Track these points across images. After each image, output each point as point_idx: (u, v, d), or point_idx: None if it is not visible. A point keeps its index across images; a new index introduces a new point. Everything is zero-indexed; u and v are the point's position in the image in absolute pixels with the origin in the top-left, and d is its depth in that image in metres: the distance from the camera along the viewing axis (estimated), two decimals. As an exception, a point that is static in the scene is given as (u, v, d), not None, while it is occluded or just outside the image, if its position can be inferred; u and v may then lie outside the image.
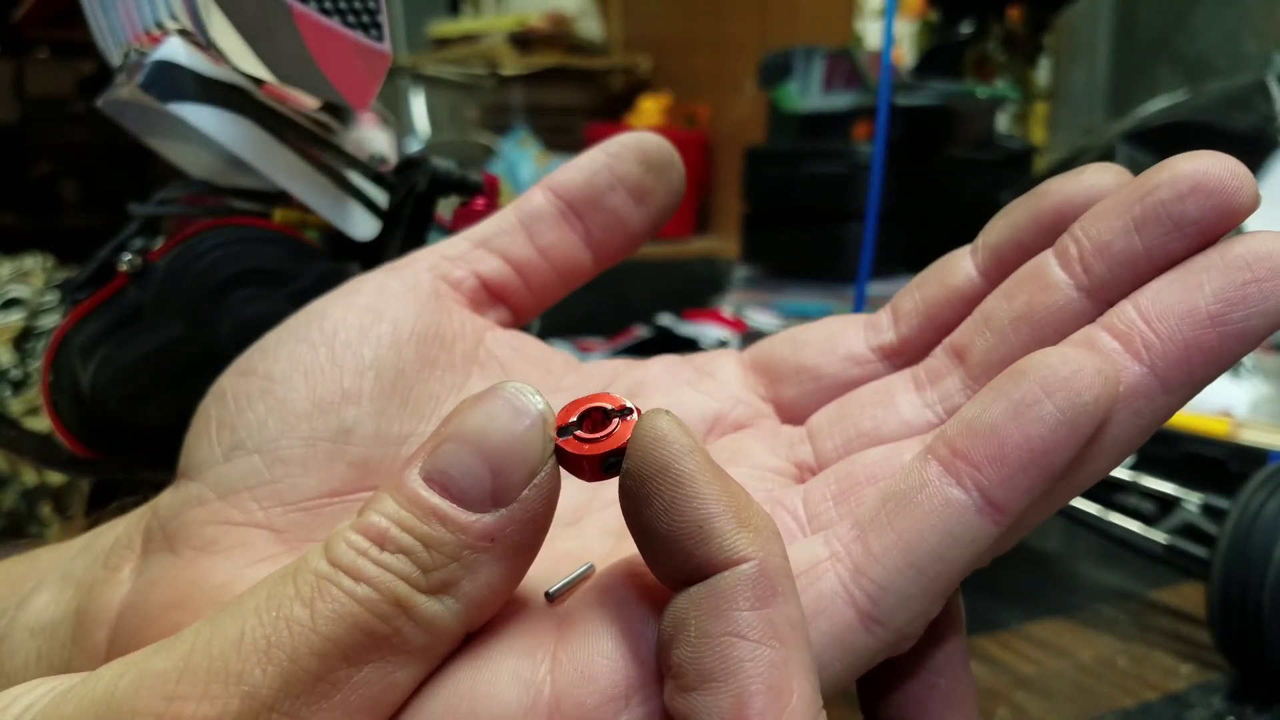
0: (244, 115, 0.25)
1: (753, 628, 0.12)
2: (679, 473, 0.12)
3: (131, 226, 0.28)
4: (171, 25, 0.26)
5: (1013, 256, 0.18)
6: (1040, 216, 0.17)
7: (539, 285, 0.21)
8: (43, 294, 0.52)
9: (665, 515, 0.12)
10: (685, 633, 0.12)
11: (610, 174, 0.21)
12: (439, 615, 0.13)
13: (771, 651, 0.12)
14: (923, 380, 0.18)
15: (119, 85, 0.26)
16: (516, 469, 0.13)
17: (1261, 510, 0.33)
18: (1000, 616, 0.41)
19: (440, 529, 0.13)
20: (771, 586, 0.12)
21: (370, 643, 0.12)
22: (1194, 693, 0.35)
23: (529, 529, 0.13)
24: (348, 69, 0.25)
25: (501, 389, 0.13)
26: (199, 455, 0.17)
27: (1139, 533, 0.39)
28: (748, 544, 0.12)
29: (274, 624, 0.12)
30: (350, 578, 0.12)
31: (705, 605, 0.12)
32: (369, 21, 0.24)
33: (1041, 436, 0.13)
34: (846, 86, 0.88)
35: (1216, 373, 0.14)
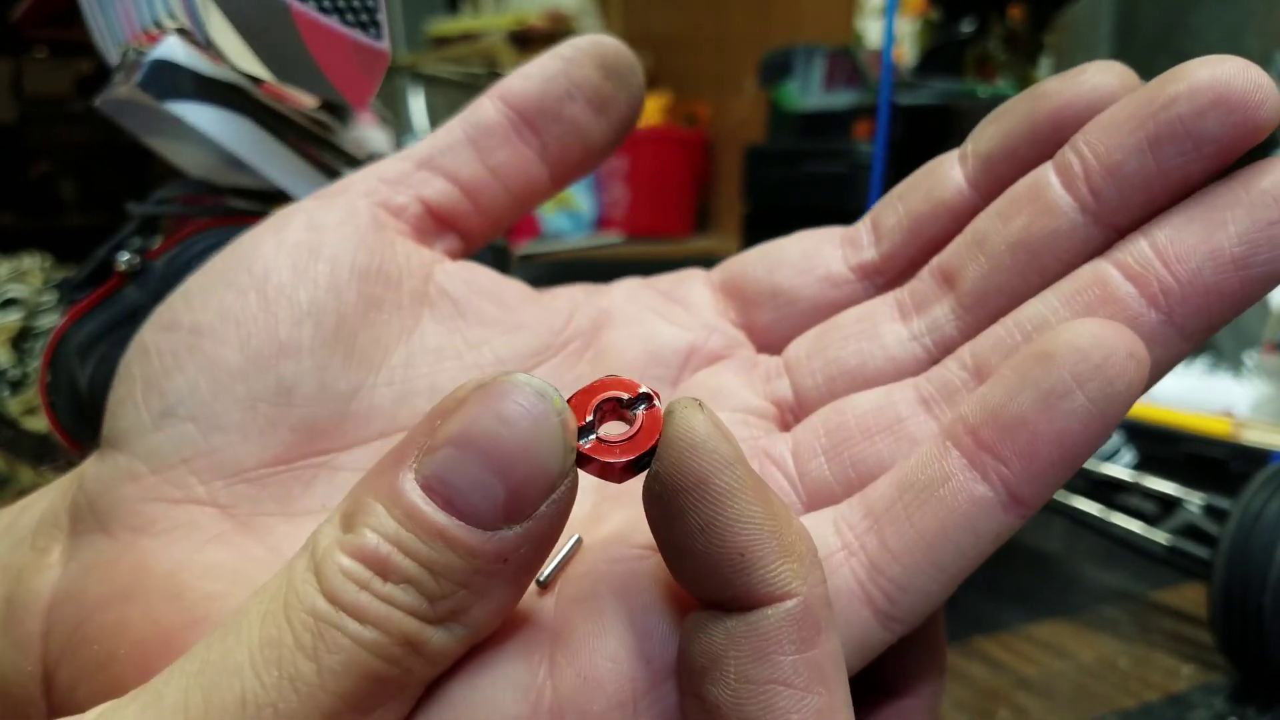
0: (242, 114, 0.25)
1: (799, 674, 0.11)
2: (719, 489, 0.11)
3: (130, 226, 0.28)
4: (170, 24, 0.26)
5: (1007, 167, 0.16)
6: (1037, 123, 0.16)
7: (491, 208, 0.19)
8: (41, 294, 0.51)
9: (702, 536, 0.11)
10: (724, 673, 0.11)
11: (567, 80, 0.19)
12: (445, 645, 0.11)
13: (817, 699, 0.11)
14: (908, 306, 0.17)
15: (117, 84, 0.26)
16: (534, 483, 0.11)
17: (1263, 511, 0.33)
18: (1001, 617, 0.40)
19: (448, 553, 0.11)
20: (815, 624, 0.11)
21: (380, 689, 0.11)
22: (1195, 694, 0.35)
23: (543, 546, 0.12)
24: (346, 67, 0.25)
25: (512, 385, 0.11)
26: (126, 421, 0.15)
27: (1140, 533, 0.39)
28: (792, 577, 0.11)
29: (278, 686, 0.10)
30: (354, 620, 0.11)
31: (746, 646, 0.11)
32: (368, 20, 0.24)
33: (1073, 431, 0.12)
34: (847, 85, 0.87)
35: (1233, 316, 0.13)
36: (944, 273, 0.17)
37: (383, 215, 0.18)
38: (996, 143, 0.17)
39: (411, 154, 0.19)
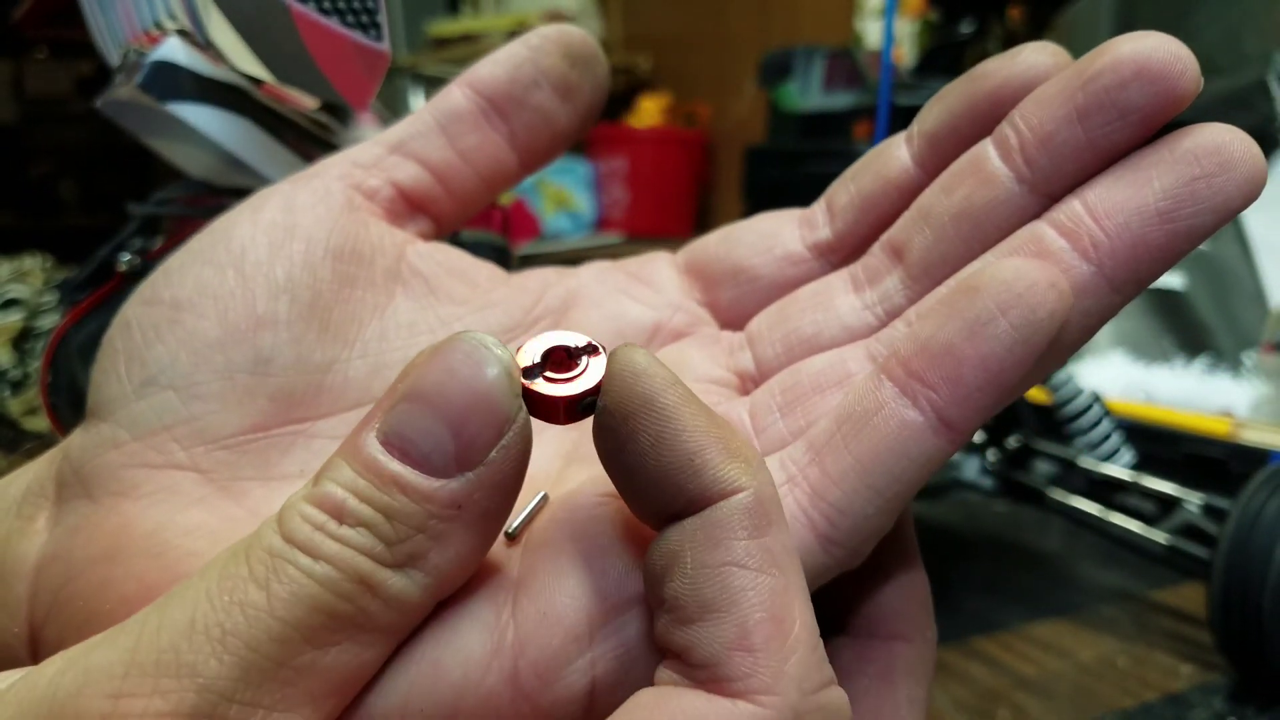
0: (242, 115, 0.25)
1: (751, 556, 0.12)
2: (663, 406, 0.12)
3: (130, 226, 0.28)
4: (170, 25, 0.26)
5: (950, 145, 0.17)
6: (976, 102, 0.17)
7: (461, 192, 0.20)
8: (41, 294, 0.51)
9: (653, 451, 0.12)
10: (681, 565, 0.12)
11: (534, 68, 0.19)
12: (406, 590, 0.12)
13: (771, 579, 0.12)
14: (861, 280, 0.18)
15: (118, 85, 0.26)
16: (481, 429, 0.12)
17: (1262, 511, 0.33)
18: (1001, 617, 0.40)
19: (402, 498, 0.12)
20: (766, 515, 0.12)
21: (334, 624, 0.11)
22: (1194, 693, 0.35)
23: (498, 493, 0.12)
24: (347, 69, 0.25)
25: (459, 340, 0.12)
26: (108, 392, 0.16)
27: (1140, 533, 0.39)
28: (740, 473, 0.12)
29: (227, 609, 0.11)
30: (308, 555, 0.11)
31: (701, 537, 0.12)
32: (368, 21, 0.24)
33: (998, 355, 0.13)
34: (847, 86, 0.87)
35: (1162, 270, 0.14)
36: (893, 246, 0.17)
37: (356, 197, 0.18)
38: (940, 122, 0.17)
39: (384, 139, 0.19)
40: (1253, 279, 0.67)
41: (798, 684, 0.11)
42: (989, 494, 0.43)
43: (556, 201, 1.70)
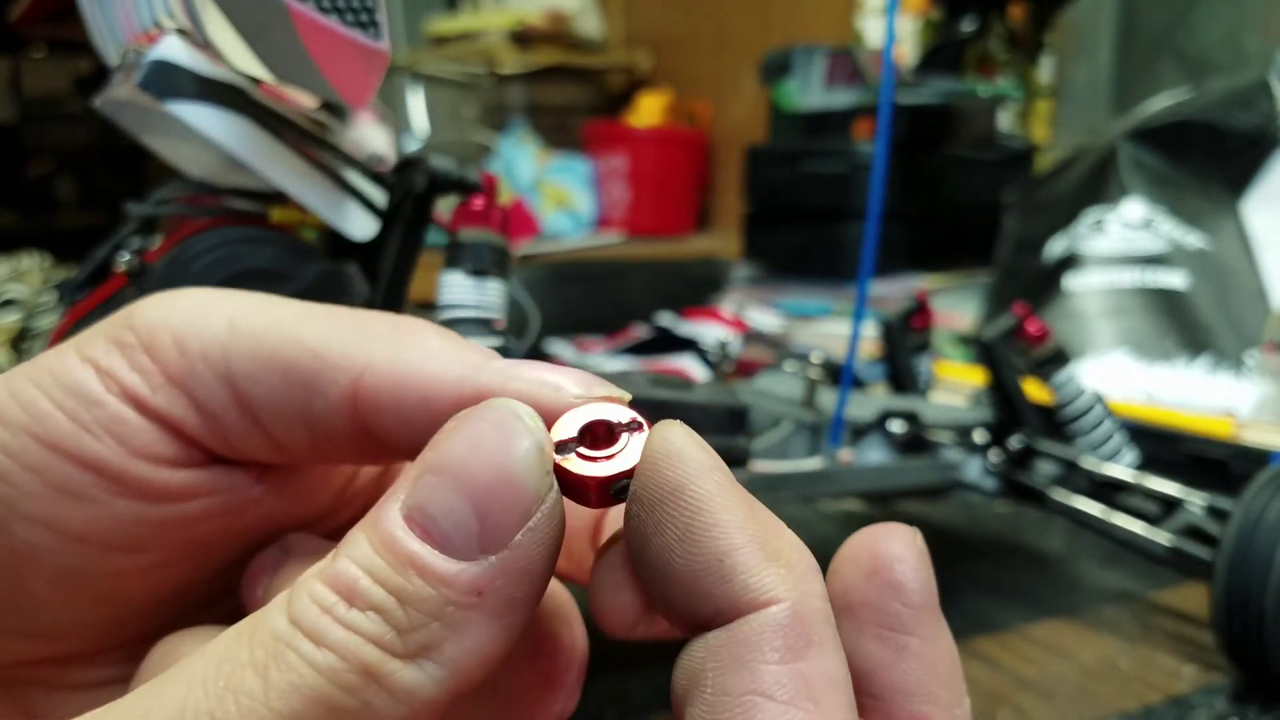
0: (241, 114, 0.25)
1: (782, 685, 0.10)
2: (695, 495, 0.11)
3: (129, 226, 0.28)
4: (169, 24, 0.26)
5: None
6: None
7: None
8: (40, 294, 0.51)
9: (680, 546, 0.11)
10: (701, 689, 0.10)
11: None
12: (418, 684, 0.11)
13: (804, 715, 0.10)
14: None
15: (117, 84, 0.25)
16: (507, 509, 0.11)
17: (1265, 511, 0.33)
18: (1002, 617, 0.40)
19: (418, 582, 0.11)
20: (806, 635, 0.10)
21: (334, 718, 0.10)
22: (1197, 695, 0.35)
23: (525, 580, 0.11)
24: (346, 67, 0.25)
25: (489, 409, 0.11)
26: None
27: (1142, 533, 0.39)
28: (778, 582, 0.10)
29: (220, 696, 0.10)
30: (311, 641, 0.10)
31: (725, 656, 0.10)
32: (367, 20, 0.24)
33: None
34: (848, 85, 0.87)
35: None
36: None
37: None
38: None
39: None
40: (1255, 279, 0.67)
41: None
42: (991, 494, 0.43)
43: (556, 201, 1.70)
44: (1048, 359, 0.46)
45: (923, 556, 0.14)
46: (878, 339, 0.51)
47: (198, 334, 0.13)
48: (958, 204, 0.93)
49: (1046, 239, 0.76)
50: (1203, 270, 0.68)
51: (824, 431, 0.40)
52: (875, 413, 0.42)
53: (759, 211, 0.95)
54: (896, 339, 0.49)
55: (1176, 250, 0.69)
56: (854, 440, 0.41)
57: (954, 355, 0.74)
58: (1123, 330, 0.68)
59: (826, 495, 0.41)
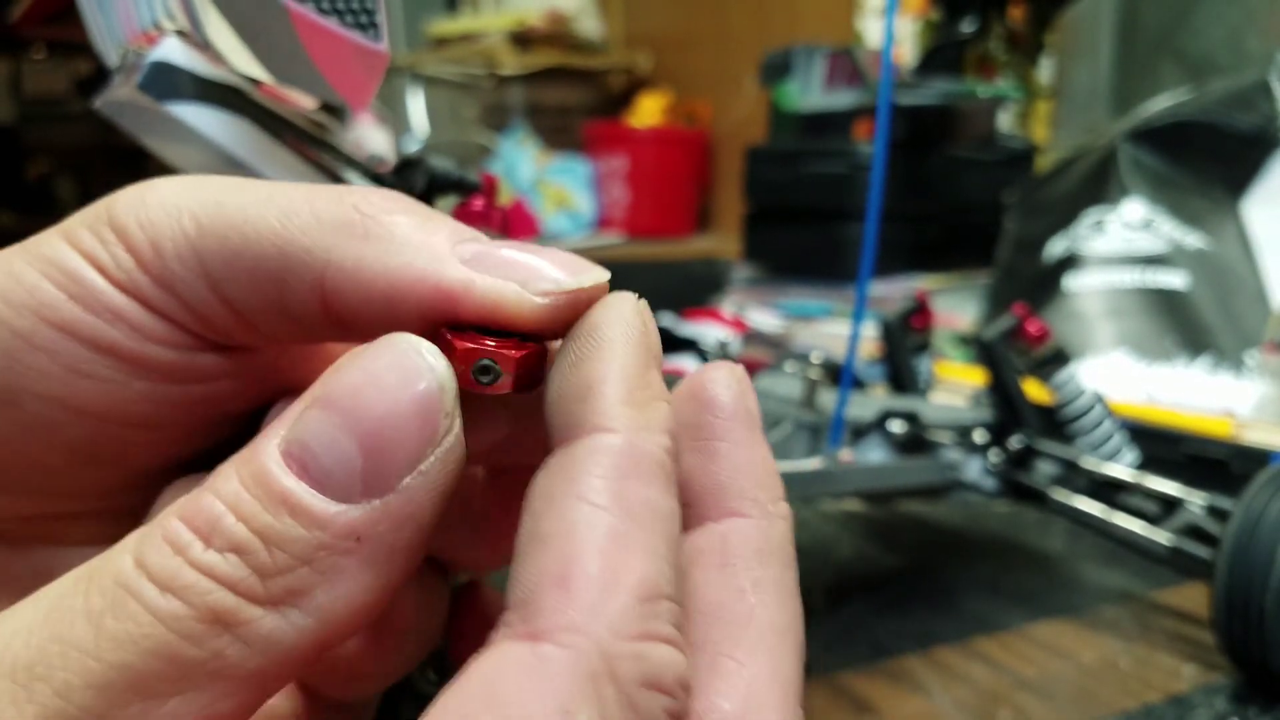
0: (241, 115, 0.25)
1: (601, 494, 0.10)
2: (601, 335, 0.11)
3: (129, 227, 0.28)
4: (169, 25, 0.26)
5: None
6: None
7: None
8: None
9: (566, 372, 0.11)
10: (530, 500, 0.10)
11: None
12: (278, 632, 0.10)
13: (615, 520, 0.10)
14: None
15: (117, 86, 0.25)
16: (397, 449, 0.10)
17: (1265, 511, 0.33)
18: (1002, 618, 0.40)
19: (289, 521, 0.10)
20: (634, 465, 0.10)
21: (174, 671, 0.09)
22: (1197, 694, 0.35)
23: (409, 527, 0.10)
24: (345, 69, 0.25)
25: (390, 343, 0.11)
26: None
27: (1142, 533, 0.39)
28: (623, 417, 0.10)
29: (43, 646, 0.09)
30: (156, 586, 0.09)
31: (556, 467, 0.10)
32: (367, 21, 0.24)
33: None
34: (847, 85, 0.87)
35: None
36: None
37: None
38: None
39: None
40: (1255, 279, 0.67)
41: (611, 626, 0.09)
42: (991, 495, 0.43)
43: (556, 201, 1.70)
44: (1048, 359, 0.46)
45: (739, 379, 0.14)
46: (878, 339, 0.51)
47: (170, 235, 0.12)
48: (957, 204, 0.93)
49: (1046, 239, 0.76)
50: (1203, 271, 0.68)
51: (824, 431, 0.40)
52: (875, 413, 0.42)
53: (759, 212, 0.95)
54: (896, 339, 0.49)
55: (1176, 251, 0.69)
56: (854, 440, 0.41)
57: (954, 355, 0.74)
58: (1123, 330, 0.68)
59: (826, 495, 0.41)
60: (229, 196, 0.12)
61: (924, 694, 0.34)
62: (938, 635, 0.38)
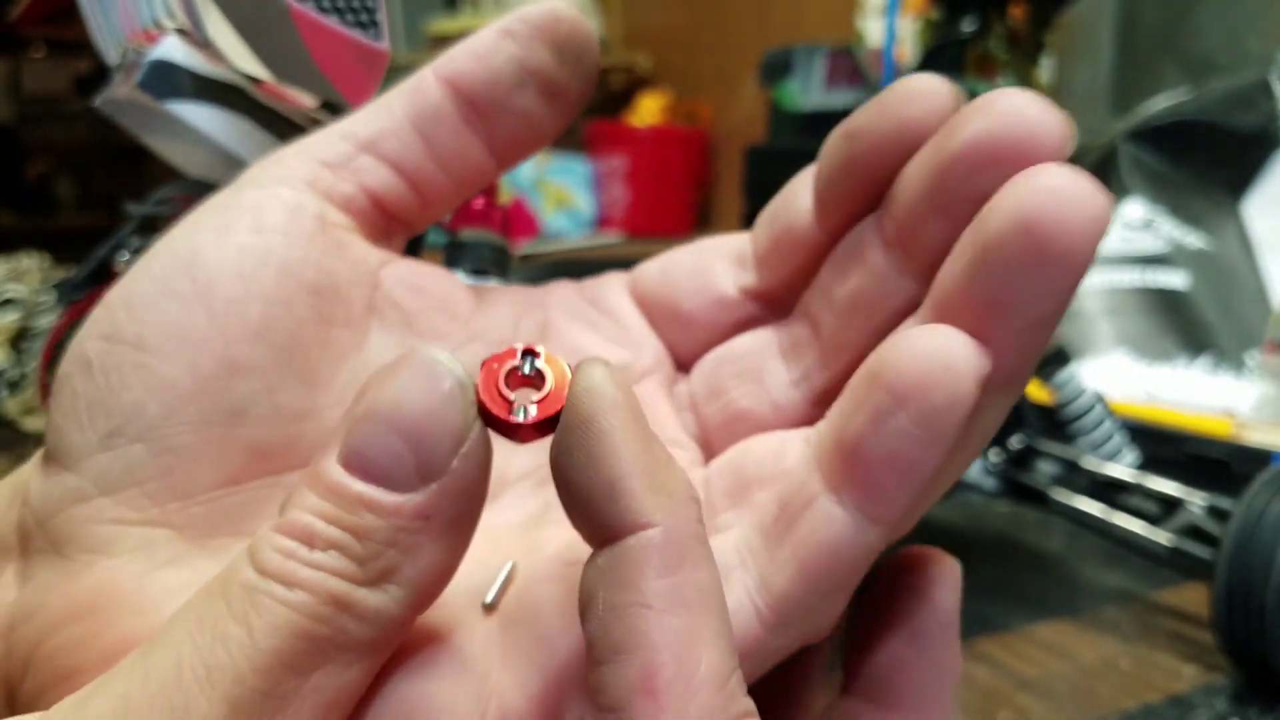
0: (241, 114, 0.25)
1: (659, 597, 0.11)
2: (600, 427, 0.12)
3: (128, 226, 0.28)
4: (169, 24, 0.26)
5: (841, 207, 0.16)
6: (853, 167, 0.16)
7: (434, 198, 0.18)
8: (39, 294, 0.51)
9: (583, 470, 0.12)
10: (594, 605, 0.12)
11: (519, 68, 0.17)
12: (383, 605, 0.12)
13: (678, 620, 0.11)
14: (788, 347, 0.17)
15: (117, 84, 0.25)
16: (440, 440, 0.12)
17: (1265, 511, 0.33)
18: (1002, 618, 0.40)
19: (369, 517, 0.12)
20: (680, 553, 0.12)
21: (313, 648, 0.11)
22: (1197, 694, 0.35)
23: (464, 500, 0.12)
24: (346, 67, 0.25)
25: (412, 357, 0.12)
26: (70, 439, 0.15)
27: (1142, 533, 0.39)
28: (655, 508, 0.12)
29: (210, 647, 0.11)
30: (282, 585, 0.11)
31: (612, 575, 0.12)
32: (367, 20, 0.24)
33: (900, 450, 0.12)
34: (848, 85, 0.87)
35: (1035, 359, 0.13)
36: (810, 318, 0.17)
37: (329, 211, 0.17)
38: (824, 185, 0.16)
39: (350, 132, 0.17)
40: (1255, 278, 0.67)
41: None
42: (991, 494, 0.43)
43: (556, 200, 1.70)
44: (1048, 359, 0.46)
45: (956, 577, 0.16)
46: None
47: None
48: (958, 204, 0.93)
49: (1046, 239, 0.75)
50: (1203, 270, 0.69)
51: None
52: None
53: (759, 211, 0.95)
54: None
55: (1177, 250, 0.69)
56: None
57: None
58: (1123, 330, 0.68)
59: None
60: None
61: (924, 694, 0.34)
62: (938, 635, 0.38)
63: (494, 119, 0.18)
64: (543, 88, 0.18)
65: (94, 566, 0.14)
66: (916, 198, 0.14)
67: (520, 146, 0.18)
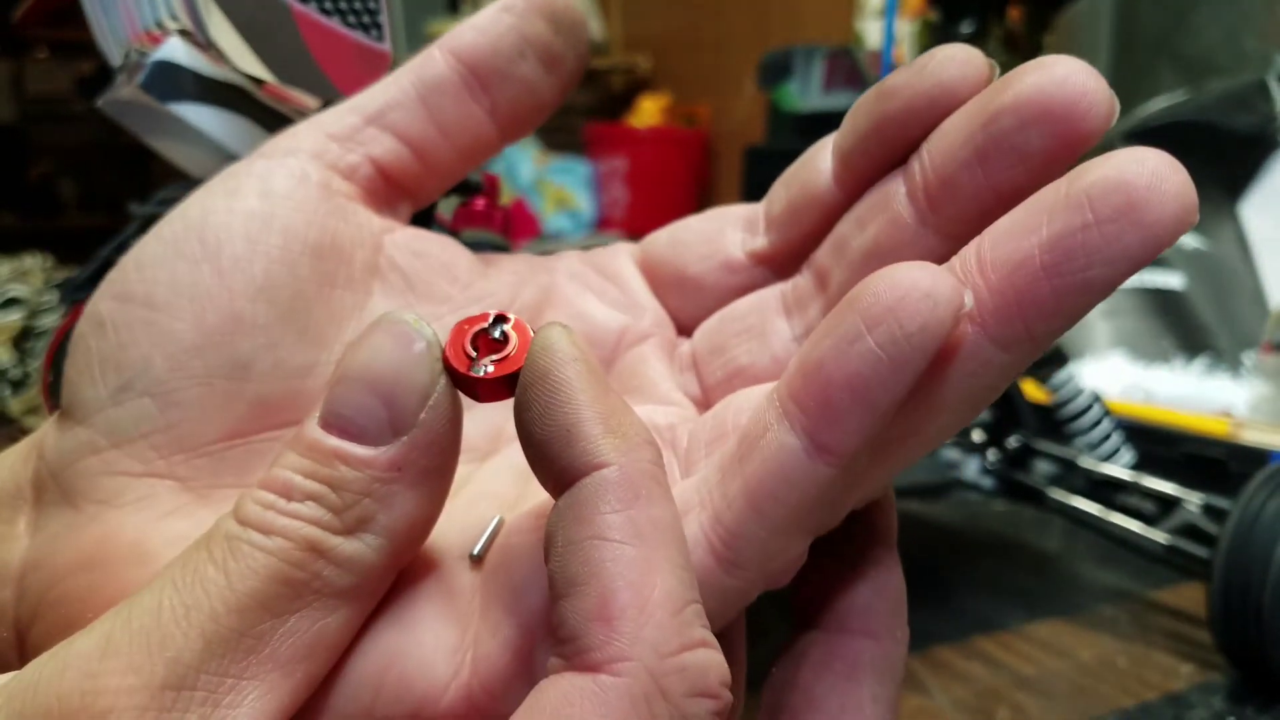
0: (244, 115, 0.25)
1: (613, 529, 0.12)
2: (556, 379, 0.12)
3: (132, 226, 0.28)
4: (172, 25, 0.26)
5: (864, 167, 0.16)
6: (883, 124, 0.16)
7: (439, 168, 0.19)
8: (42, 294, 0.52)
9: (539, 420, 0.12)
10: (554, 543, 0.12)
11: (518, 37, 0.18)
12: (360, 553, 0.13)
13: (633, 549, 0.12)
14: (792, 304, 0.18)
15: (119, 85, 0.26)
16: (408, 394, 0.13)
17: (1262, 510, 0.33)
18: (1000, 617, 0.40)
19: (344, 469, 0.12)
20: (634, 489, 0.12)
21: (290, 591, 0.12)
22: (1194, 693, 0.35)
23: (435, 452, 0.13)
24: (348, 68, 0.25)
25: (382, 321, 0.13)
26: (83, 394, 0.15)
27: (1139, 533, 0.39)
28: (611, 448, 0.12)
29: (189, 588, 0.12)
30: (260, 532, 0.12)
31: (569, 514, 0.12)
32: (369, 21, 0.24)
33: (863, 375, 0.12)
34: (847, 86, 0.88)
35: (1062, 327, 0.12)
36: (818, 273, 0.17)
37: (334, 179, 0.17)
38: (851, 143, 0.16)
39: (359, 106, 0.18)
40: (1252, 278, 0.68)
41: (653, 648, 0.11)
42: (989, 494, 0.43)
43: (556, 201, 1.70)
44: (1046, 359, 0.46)
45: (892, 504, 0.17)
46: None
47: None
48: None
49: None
50: (1200, 271, 0.69)
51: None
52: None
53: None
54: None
55: (1174, 251, 0.70)
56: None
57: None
58: (1120, 330, 0.68)
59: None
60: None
61: (923, 693, 0.34)
62: (936, 634, 0.39)
63: (496, 87, 0.18)
64: (541, 56, 0.19)
65: (100, 518, 0.15)
66: (956, 144, 0.14)
67: (521, 114, 0.19)
